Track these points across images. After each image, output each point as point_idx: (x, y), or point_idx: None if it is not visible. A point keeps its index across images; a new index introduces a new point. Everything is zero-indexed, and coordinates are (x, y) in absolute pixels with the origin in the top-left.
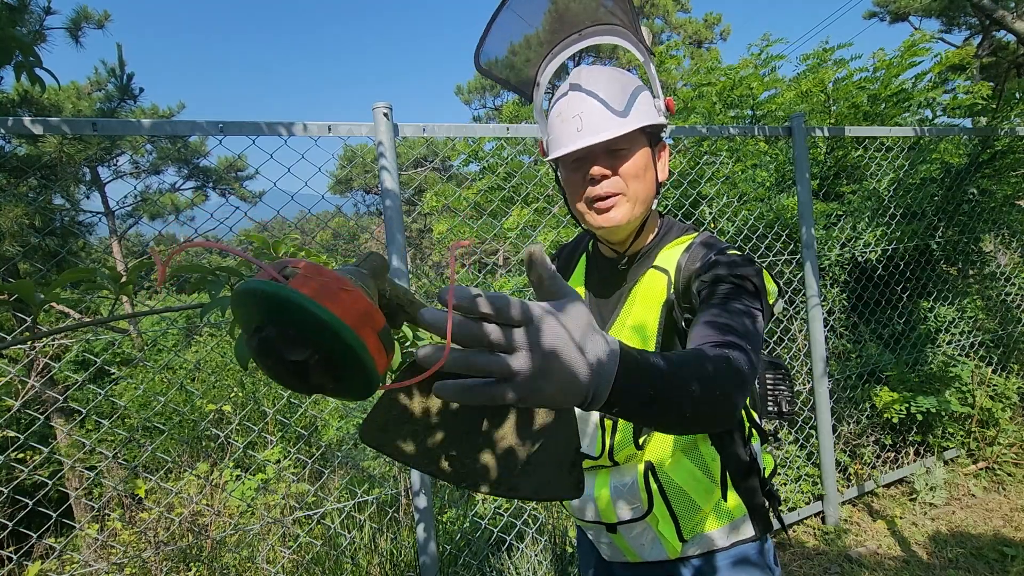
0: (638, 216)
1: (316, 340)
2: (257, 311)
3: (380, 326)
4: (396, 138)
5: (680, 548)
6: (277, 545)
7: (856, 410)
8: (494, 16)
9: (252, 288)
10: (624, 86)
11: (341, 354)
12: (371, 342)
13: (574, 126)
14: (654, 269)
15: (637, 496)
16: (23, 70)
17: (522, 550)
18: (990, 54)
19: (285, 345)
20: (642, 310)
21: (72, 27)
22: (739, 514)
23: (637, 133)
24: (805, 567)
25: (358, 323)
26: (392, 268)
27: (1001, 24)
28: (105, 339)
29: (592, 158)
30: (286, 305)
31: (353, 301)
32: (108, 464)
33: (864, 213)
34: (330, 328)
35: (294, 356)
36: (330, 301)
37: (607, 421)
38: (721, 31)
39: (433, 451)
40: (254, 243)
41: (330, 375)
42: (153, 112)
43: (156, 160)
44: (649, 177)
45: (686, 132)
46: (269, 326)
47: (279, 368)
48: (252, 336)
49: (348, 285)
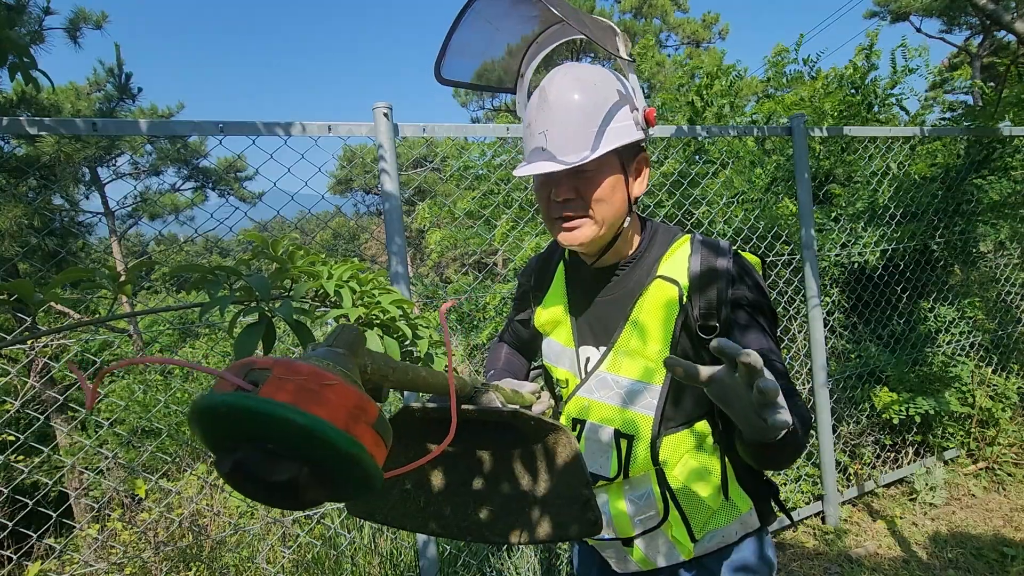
0: (604, 236)
1: (305, 453)
2: (226, 429)
3: (374, 417)
4: (396, 138)
5: (693, 549)
6: (277, 545)
7: (856, 410)
8: (453, 28)
9: (216, 404)
10: (597, 102)
11: (335, 461)
12: (368, 439)
13: (539, 143)
14: (661, 280)
15: (653, 505)
16: (18, 71)
17: (522, 550)
18: (990, 54)
19: (267, 466)
20: (652, 324)
21: (70, 28)
22: (745, 508)
23: (607, 154)
24: (805, 567)
25: (350, 422)
26: (392, 271)
27: (1001, 24)
28: (101, 339)
29: (556, 179)
30: (262, 419)
31: (339, 397)
32: (108, 464)
33: (863, 215)
34: (319, 436)
35: (280, 477)
36: (315, 404)
37: (623, 441)
38: (720, 30)
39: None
40: (254, 243)
41: (323, 485)
42: (152, 112)
43: (156, 160)
44: (617, 199)
45: (686, 132)
46: (244, 446)
47: (261, 491)
48: (224, 460)
49: (329, 379)
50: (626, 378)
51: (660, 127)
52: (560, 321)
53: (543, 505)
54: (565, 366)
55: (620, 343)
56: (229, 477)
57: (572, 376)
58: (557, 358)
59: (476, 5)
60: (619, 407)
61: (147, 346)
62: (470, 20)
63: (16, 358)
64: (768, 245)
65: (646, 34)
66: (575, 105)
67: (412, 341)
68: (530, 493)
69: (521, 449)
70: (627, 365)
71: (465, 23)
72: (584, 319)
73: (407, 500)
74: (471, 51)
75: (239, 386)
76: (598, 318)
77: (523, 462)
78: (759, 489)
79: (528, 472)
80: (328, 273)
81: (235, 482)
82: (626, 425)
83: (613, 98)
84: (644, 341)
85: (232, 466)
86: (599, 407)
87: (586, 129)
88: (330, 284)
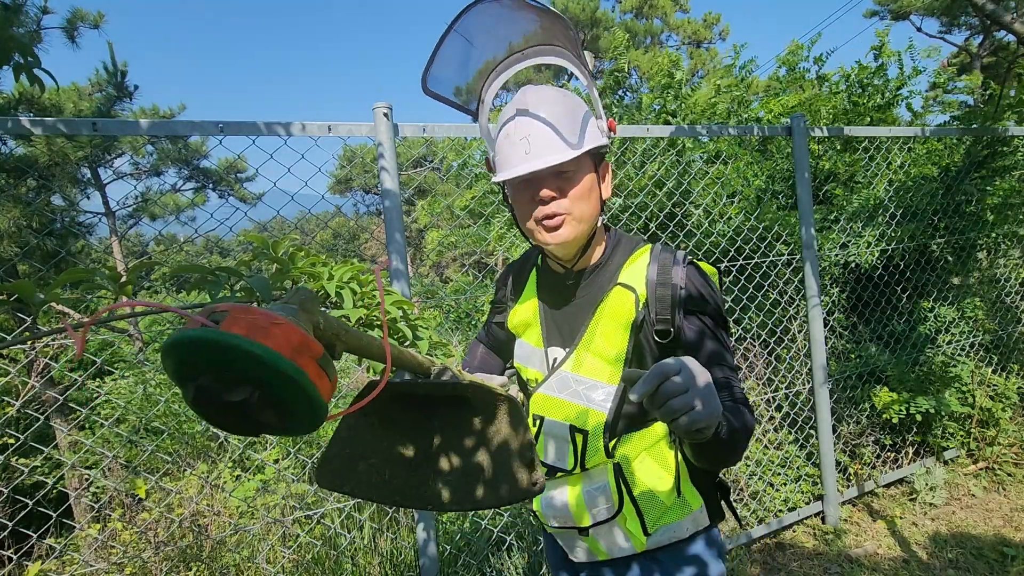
0: (584, 233)
1: (255, 377)
2: (189, 361)
3: (318, 354)
4: (396, 138)
5: (645, 542)
6: (277, 545)
7: (856, 410)
8: (441, 40)
9: (181, 338)
10: (570, 109)
11: (282, 386)
12: (311, 369)
13: (522, 148)
14: (620, 287)
15: (609, 497)
16: (22, 71)
17: (522, 550)
18: (990, 54)
19: (223, 388)
20: (611, 328)
21: (68, 27)
22: (696, 505)
23: (583, 155)
24: (805, 567)
25: (294, 353)
26: (392, 269)
27: (1001, 24)
28: (101, 339)
29: (540, 180)
30: (219, 347)
31: (286, 333)
32: (108, 464)
33: (862, 215)
34: (266, 361)
35: (234, 397)
36: (263, 336)
37: (578, 436)
38: (720, 31)
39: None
40: (255, 244)
41: (274, 411)
42: (153, 112)
43: (156, 161)
44: (594, 197)
45: (686, 132)
46: (204, 374)
47: (220, 413)
48: (188, 387)
49: (279, 319)
50: (585, 377)
51: (659, 127)
52: (531, 324)
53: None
54: (535, 366)
55: (582, 345)
56: (193, 403)
57: (540, 375)
58: (527, 359)
59: (462, 21)
60: (576, 403)
61: (147, 345)
62: (455, 36)
63: (16, 358)
64: (768, 245)
65: (647, 34)
66: (553, 112)
67: (412, 342)
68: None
69: (475, 419)
70: (587, 365)
71: (451, 38)
72: (553, 322)
73: (371, 473)
74: (453, 66)
75: (203, 323)
76: (566, 321)
77: (476, 432)
78: (710, 489)
79: (480, 441)
80: (329, 274)
81: (198, 407)
82: (580, 420)
83: (582, 107)
84: (603, 344)
85: (195, 391)
86: (557, 404)
87: (565, 132)
88: (331, 285)
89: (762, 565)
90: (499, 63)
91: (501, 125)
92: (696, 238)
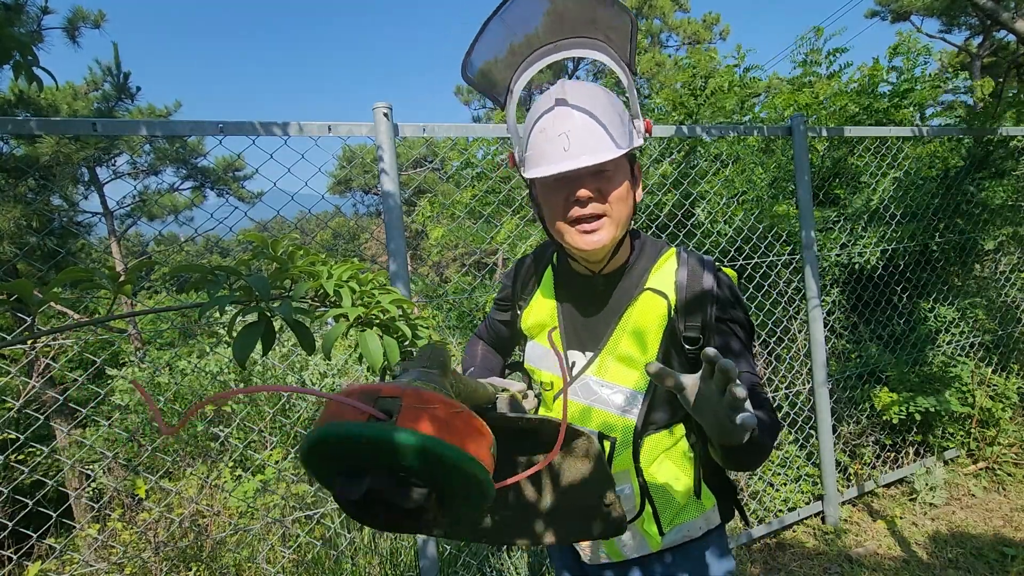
0: (619, 237)
1: (440, 480)
2: (357, 458)
3: (491, 441)
4: (396, 138)
5: (661, 541)
6: (277, 545)
7: (856, 410)
8: (484, 25)
9: (353, 433)
10: (612, 106)
11: (464, 486)
12: (488, 463)
13: (560, 145)
14: (650, 292)
15: (631, 500)
16: (22, 70)
17: (522, 551)
18: (990, 54)
19: (400, 492)
20: (641, 332)
21: (68, 27)
22: (709, 505)
23: (622, 157)
24: (805, 567)
25: (479, 450)
26: (392, 272)
27: (1001, 24)
28: (101, 338)
29: (577, 179)
30: (408, 451)
31: (466, 425)
32: (108, 464)
33: (862, 216)
34: (465, 468)
35: (412, 504)
36: (455, 436)
37: (605, 443)
38: (720, 31)
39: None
40: (255, 243)
41: (445, 508)
42: (150, 112)
43: (154, 160)
44: (630, 200)
45: (686, 132)
46: (375, 474)
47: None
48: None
49: (457, 406)
50: (613, 384)
51: (660, 127)
52: (547, 325)
53: (566, 507)
54: (549, 369)
55: (607, 349)
56: (356, 504)
57: (557, 379)
58: (540, 361)
59: (504, 11)
60: (603, 411)
61: (147, 344)
62: (496, 25)
63: (16, 358)
64: (768, 245)
65: (647, 34)
66: (596, 109)
67: (412, 341)
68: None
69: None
70: (613, 371)
71: (492, 26)
72: (572, 324)
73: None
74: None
75: (374, 415)
76: (587, 324)
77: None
78: (723, 488)
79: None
80: (328, 273)
81: (360, 508)
82: (608, 428)
83: (621, 106)
84: (632, 349)
85: (365, 493)
86: (581, 409)
87: (608, 130)
88: (330, 284)
89: (762, 565)
90: (530, 53)
91: (536, 118)
92: (696, 238)
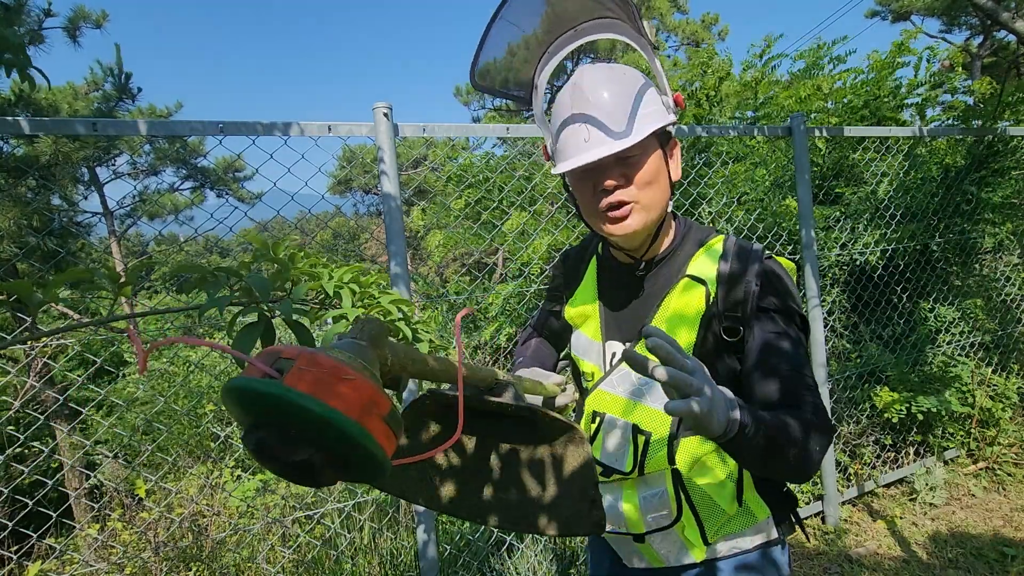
0: (653, 221)
1: (319, 439)
2: (251, 410)
3: (386, 411)
4: (396, 138)
5: (705, 552)
6: (277, 545)
7: (856, 410)
8: (487, 30)
9: (243, 387)
10: (630, 88)
11: (346, 447)
12: (378, 430)
13: (581, 136)
14: (689, 279)
15: (667, 504)
16: (13, 68)
17: (522, 551)
18: (990, 54)
19: (285, 446)
20: (678, 321)
21: (70, 27)
22: (762, 516)
23: (649, 137)
24: (805, 567)
25: (363, 414)
26: (393, 274)
27: (1001, 24)
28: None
29: (602, 168)
30: (283, 405)
31: (355, 391)
32: (108, 464)
33: (863, 214)
34: (333, 425)
35: (296, 457)
36: (331, 395)
37: (640, 437)
38: (719, 31)
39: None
40: (255, 246)
41: (337, 467)
42: (151, 112)
43: (154, 160)
44: (663, 181)
45: (686, 132)
46: (265, 427)
47: (281, 467)
48: (248, 436)
49: (348, 373)
50: None
51: None
52: (589, 315)
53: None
54: (592, 360)
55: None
56: (253, 453)
57: (597, 370)
58: (584, 351)
59: (504, 10)
60: (639, 402)
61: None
62: (502, 23)
63: (16, 358)
64: (768, 245)
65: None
66: (613, 93)
67: (412, 343)
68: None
69: (536, 444)
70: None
71: (498, 26)
72: (613, 314)
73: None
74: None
75: (266, 372)
76: (627, 314)
77: (537, 457)
78: (779, 499)
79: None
80: (328, 274)
81: (258, 457)
82: (643, 422)
83: (644, 83)
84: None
85: (255, 444)
86: (619, 401)
87: (627, 114)
88: (330, 285)
89: None
90: (550, 44)
91: (558, 110)
92: None
